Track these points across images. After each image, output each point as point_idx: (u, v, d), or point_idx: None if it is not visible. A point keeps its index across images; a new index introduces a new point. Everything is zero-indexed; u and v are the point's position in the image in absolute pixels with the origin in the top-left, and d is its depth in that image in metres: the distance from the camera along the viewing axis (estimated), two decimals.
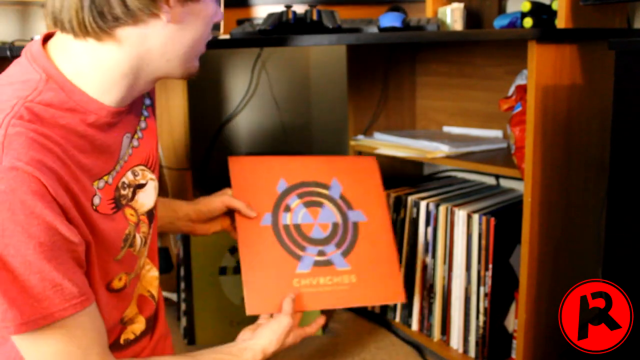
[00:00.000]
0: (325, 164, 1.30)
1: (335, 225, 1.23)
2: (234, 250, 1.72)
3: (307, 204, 1.25)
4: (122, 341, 0.97)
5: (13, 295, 0.72)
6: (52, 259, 0.74)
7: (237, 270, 1.70)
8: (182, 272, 1.70)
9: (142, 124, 0.97)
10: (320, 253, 1.22)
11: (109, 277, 0.88)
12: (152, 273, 1.04)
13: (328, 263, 1.21)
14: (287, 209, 1.24)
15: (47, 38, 0.85)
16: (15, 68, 0.82)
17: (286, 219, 1.23)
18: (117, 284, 0.90)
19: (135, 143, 0.94)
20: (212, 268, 1.69)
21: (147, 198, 0.95)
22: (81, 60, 0.80)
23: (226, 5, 1.66)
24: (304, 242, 1.22)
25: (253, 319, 1.16)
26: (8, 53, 1.30)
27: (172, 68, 0.86)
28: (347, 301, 1.19)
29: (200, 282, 1.67)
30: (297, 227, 1.23)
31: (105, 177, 0.86)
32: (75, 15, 0.77)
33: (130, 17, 0.78)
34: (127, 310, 0.97)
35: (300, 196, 1.26)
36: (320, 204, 1.25)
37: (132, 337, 0.98)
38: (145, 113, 0.99)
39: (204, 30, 0.87)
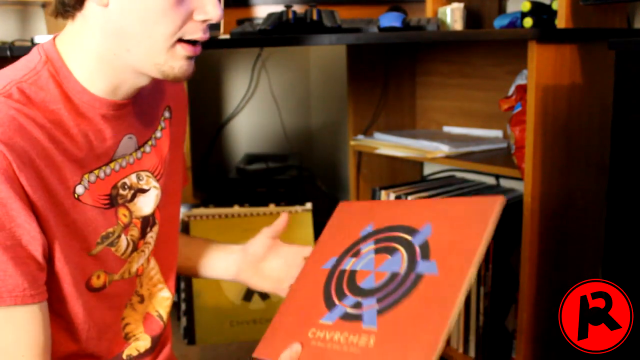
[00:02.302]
0: (428, 207, 1.05)
1: (393, 275, 0.98)
2: None
3: (378, 250, 1.02)
4: (124, 356, 0.96)
5: None
6: None
7: None
8: None
9: (158, 134, 0.97)
10: (356, 305, 0.99)
11: (85, 274, 0.86)
12: (163, 293, 1.02)
13: (356, 318, 0.97)
14: (356, 254, 1.05)
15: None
16: (24, 56, 0.85)
17: (348, 264, 1.04)
18: (95, 281, 0.88)
19: (147, 149, 0.94)
20: None
21: (146, 204, 0.95)
22: (71, 41, 0.83)
23: (226, 5, 1.66)
24: (348, 290, 1.01)
25: (253, 318, 1.15)
26: (8, 53, 1.29)
27: (138, 61, 0.82)
28: None
29: (200, 282, 1.67)
30: (353, 273, 1.02)
31: (96, 172, 0.85)
32: None
33: None
34: (131, 325, 0.96)
35: (377, 241, 1.04)
36: (393, 251, 1.01)
37: (135, 353, 0.98)
38: (163, 124, 0.98)
39: (149, 13, 0.79)
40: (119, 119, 0.88)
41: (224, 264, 1.12)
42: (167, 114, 1.00)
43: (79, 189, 0.82)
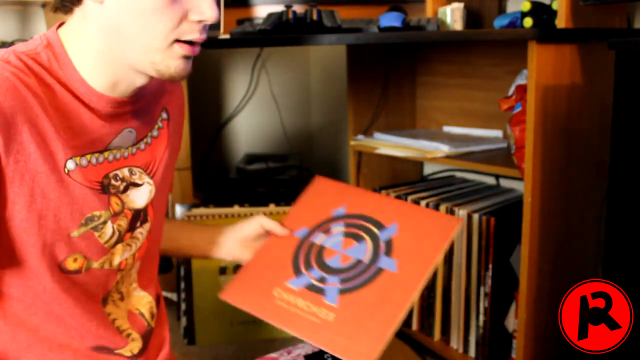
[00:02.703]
0: (396, 208, 1.18)
1: (358, 262, 1.11)
2: None
3: (347, 234, 1.15)
4: (115, 351, 0.97)
5: None
6: None
7: (237, 270, 1.70)
8: (182, 272, 1.70)
9: (155, 132, 0.98)
10: (321, 279, 1.11)
11: (60, 254, 0.86)
12: (137, 292, 1.02)
13: (319, 291, 1.10)
14: (327, 231, 1.16)
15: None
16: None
17: (318, 238, 1.16)
18: (70, 264, 0.87)
19: (142, 146, 0.94)
20: (212, 268, 1.69)
21: (139, 197, 0.95)
22: (72, 34, 0.84)
23: (226, 5, 1.66)
24: (315, 263, 1.14)
25: (253, 318, 1.16)
26: None
27: (133, 58, 0.83)
28: (309, 335, 1.07)
29: (200, 282, 1.67)
30: (321, 248, 1.14)
31: (88, 156, 0.85)
32: None
33: None
34: (119, 320, 0.96)
35: (347, 225, 1.17)
36: (360, 239, 1.14)
37: (128, 354, 0.98)
38: (160, 124, 0.99)
39: (143, 12, 0.79)
40: (116, 116, 0.88)
41: (207, 239, 1.17)
42: (164, 115, 1.01)
43: (70, 164, 0.82)
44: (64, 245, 0.85)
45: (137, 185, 0.94)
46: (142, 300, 1.03)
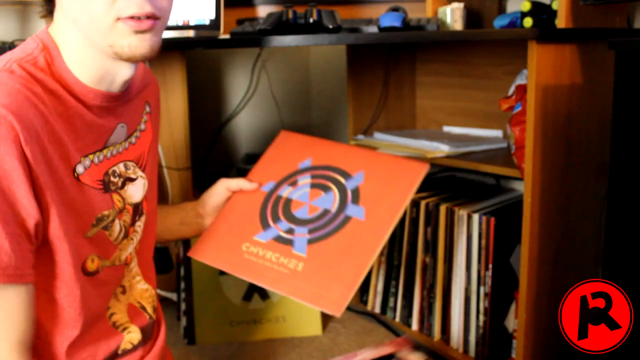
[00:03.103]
0: (363, 157, 1.16)
1: (325, 212, 1.10)
2: None
3: (314, 185, 1.14)
4: (120, 351, 0.97)
5: None
6: None
7: None
8: (182, 272, 1.70)
9: (142, 126, 1.00)
10: (289, 231, 1.10)
11: (82, 256, 0.87)
12: (141, 285, 1.03)
13: (288, 242, 1.09)
14: (293, 183, 1.15)
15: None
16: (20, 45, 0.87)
17: (285, 191, 1.15)
18: (90, 265, 0.89)
19: (133, 140, 0.96)
20: (212, 268, 1.69)
21: (135, 191, 0.97)
22: (58, 33, 0.86)
23: (226, 5, 1.66)
24: (282, 215, 1.12)
25: (253, 318, 1.16)
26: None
27: (97, 46, 0.84)
28: (280, 286, 1.06)
29: (200, 282, 1.67)
30: (288, 201, 1.13)
31: (91, 156, 0.87)
32: None
33: None
34: (117, 315, 0.97)
35: (313, 176, 1.16)
36: (327, 189, 1.13)
37: (129, 347, 0.98)
38: (145, 117, 1.01)
39: (87, 2, 0.80)
40: (110, 109, 0.90)
41: (179, 220, 1.19)
42: (147, 108, 1.03)
43: (79, 168, 0.84)
44: (82, 248, 0.87)
45: (132, 180, 0.96)
46: (145, 294, 1.03)
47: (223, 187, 1.18)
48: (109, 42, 0.82)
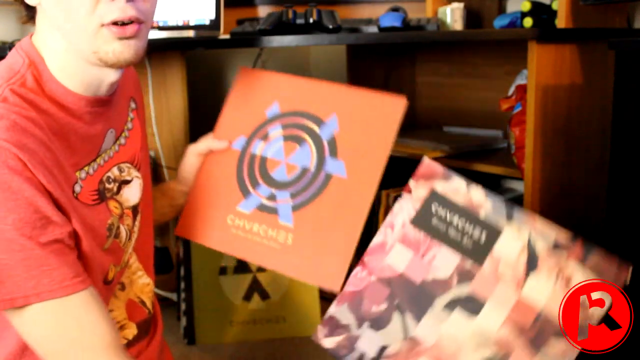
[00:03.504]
0: (332, 96, 1.06)
1: (304, 170, 1.03)
2: None
3: (287, 137, 1.06)
4: None
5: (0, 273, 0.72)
6: (35, 237, 0.73)
7: (237, 270, 1.70)
8: (182, 272, 1.70)
9: (129, 125, 0.98)
10: (271, 197, 1.04)
11: (105, 269, 0.88)
12: (143, 280, 1.03)
13: (272, 211, 1.03)
14: (265, 137, 1.07)
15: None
16: (6, 59, 0.85)
17: (257, 148, 1.07)
18: (110, 275, 0.90)
19: (122, 141, 0.95)
20: (212, 268, 1.69)
21: (132, 194, 0.96)
22: (42, 42, 0.84)
23: (226, 5, 1.66)
24: (261, 178, 1.05)
25: (253, 318, 1.15)
26: (8, 53, 1.30)
27: (81, 52, 0.83)
28: (272, 262, 1.02)
29: (200, 282, 1.67)
30: (264, 160, 1.06)
31: (86, 168, 0.86)
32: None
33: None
34: (114, 312, 0.97)
35: (284, 127, 1.07)
36: (301, 141, 1.05)
37: (124, 342, 0.98)
38: (131, 115, 1.00)
39: (69, 8, 0.79)
40: (101, 115, 0.89)
41: (167, 203, 1.15)
42: (133, 105, 1.01)
43: (77, 188, 0.83)
44: (104, 261, 0.88)
45: (127, 182, 0.95)
46: (146, 289, 1.03)
47: (193, 155, 1.12)
48: (93, 48, 0.81)
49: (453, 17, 1.64)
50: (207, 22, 1.61)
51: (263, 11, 1.88)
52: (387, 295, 0.91)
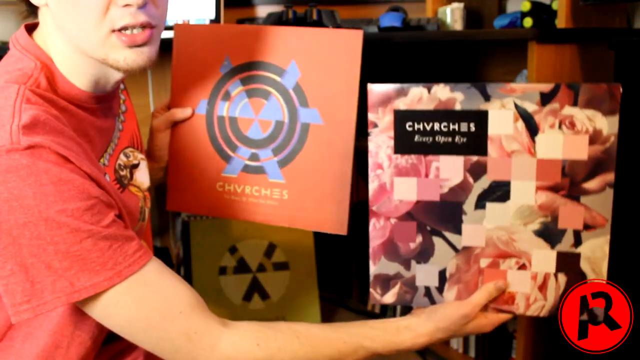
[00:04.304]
0: (286, 39, 1.01)
1: (278, 124, 1.01)
2: (234, 250, 1.71)
3: (250, 93, 1.02)
4: None
5: (76, 264, 0.72)
6: (97, 221, 0.73)
7: (237, 270, 1.70)
8: (182, 272, 1.70)
9: (123, 107, 0.97)
10: (253, 157, 1.03)
11: None
12: None
13: (260, 171, 1.02)
14: (227, 96, 1.03)
15: (29, 28, 0.86)
16: (8, 59, 0.83)
17: (223, 109, 1.04)
18: None
19: (120, 126, 0.95)
20: (212, 268, 1.69)
21: (143, 176, 0.97)
22: (48, 42, 0.83)
23: (226, 5, 1.66)
24: (238, 140, 1.03)
25: (253, 318, 1.15)
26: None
27: (85, 52, 0.82)
28: (275, 218, 1.02)
29: (200, 282, 1.67)
30: (234, 120, 1.03)
31: (102, 160, 0.87)
32: None
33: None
34: None
35: (243, 82, 1.03)
36: (266, 95, 1.01)
37: None
38: (122, 96, 0.99)
39: (78, 12, 0.78)
40: (110, 109, 0.90)
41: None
42: (122, 86, 1.01)
43: (107, 177, 0.84)
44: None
45: (136, 166, 0.95)
46: None
47: (159, 132, 1.08)
48: (102, 55, 0.80)
49: (453, 17, 1.64)
50: (207, 22, 1.61)
51: (263, 11, 1.88)
52: (416, 227, 0.90)
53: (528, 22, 1.42)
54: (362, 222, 1.12)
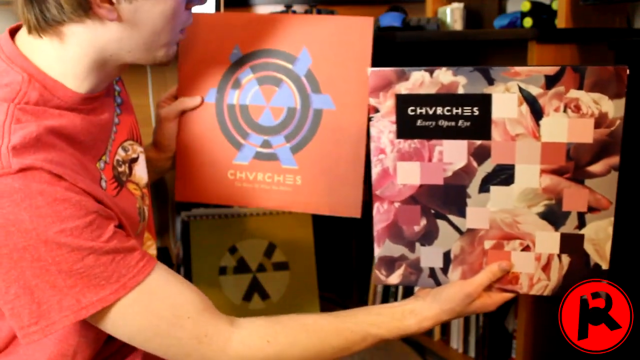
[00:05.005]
0: (296, 27, 1.01)
1: (290, 111, 1.01)
2: (233, 250, 1.71)
3: (261, 81, 1.02)
4: None
5: (80, 281, 0.72)
6: (97, 237, 0.73)
7: (237, 270, 1.70)
8: (182, 272, 1.70)
9: (118, 99, 0.96)
10: (265, 144, 1.02)
11: None
12: (151, 250, 1.04)
13: (272, 157, 1.02)
14: (237, 84, 1.03)
15: (12, 32, 0.84)
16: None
17: (233, 97, 1.03)
18: None
19: (116, 120, 0.94)
20: (212, 268, 1.69)
21: (142, 171, 0.96)
22: (50, 55, 0.79)
23: (226, 5, 1.66)
24: (249, 128, 1.03)
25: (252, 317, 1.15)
26: None
27: (135, 58, 0.83)
28: (289, 204, 1.02)
29: (200, 282, 1.67)
30: (245, 108, 1.03)
31: (104, 157, 0.86)
32: (22, 12, 0.78)
33: (69, 17, 0.75)
34: None
35: (254, 69, 1.03)
36: (278, 82, 1.01)
37: None
38: (117, 88, 0.98)
39: (164, 22, 0.79)
40: (105, 104, 0.89)
41: (152, 171, 1.11)
42: (117, 78, 1.00)
43: (103, 184, 0.83)
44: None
45: (135, 160, 0.94)
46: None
47: (167, 122, 1.08)
48: (159, 53, 0.83)
49: (453, 17, 1.63)
50: None
51: (263, 11, 1.87)
52: (420, 211, 0.90)
53: (528, 22, 1.41)
54: (362, 221, 1.11)
